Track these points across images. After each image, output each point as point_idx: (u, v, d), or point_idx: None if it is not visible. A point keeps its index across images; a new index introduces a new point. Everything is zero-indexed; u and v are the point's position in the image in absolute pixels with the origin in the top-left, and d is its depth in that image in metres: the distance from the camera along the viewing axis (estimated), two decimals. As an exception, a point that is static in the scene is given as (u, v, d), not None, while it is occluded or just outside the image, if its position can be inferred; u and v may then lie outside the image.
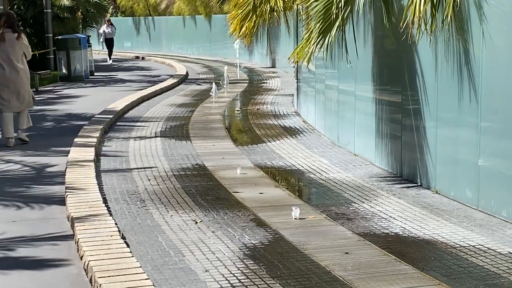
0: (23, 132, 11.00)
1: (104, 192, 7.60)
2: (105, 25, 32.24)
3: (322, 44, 7.76)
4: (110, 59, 31.42)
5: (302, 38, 8.24)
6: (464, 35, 6.75)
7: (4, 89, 10.76)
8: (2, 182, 8.38)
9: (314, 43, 7.80)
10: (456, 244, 5.78)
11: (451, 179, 7.25)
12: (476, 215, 6.58)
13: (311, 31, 7.87)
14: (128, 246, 5.68)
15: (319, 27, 7.73)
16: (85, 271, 5.30)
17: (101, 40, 32.82)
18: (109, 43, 31.92)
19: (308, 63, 8.17)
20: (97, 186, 7.63)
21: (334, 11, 7.49)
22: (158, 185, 7.98)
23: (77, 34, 23.84)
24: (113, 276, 4.90)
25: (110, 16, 41.11)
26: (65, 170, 8.46)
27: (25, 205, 7.31)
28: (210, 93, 14.29)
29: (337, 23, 7.57)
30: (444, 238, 5.93)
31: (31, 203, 7.38)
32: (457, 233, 6.06)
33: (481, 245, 5.75)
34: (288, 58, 8.72)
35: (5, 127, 10.74)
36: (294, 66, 13.93)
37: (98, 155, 9.73)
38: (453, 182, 7.21)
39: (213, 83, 14.87)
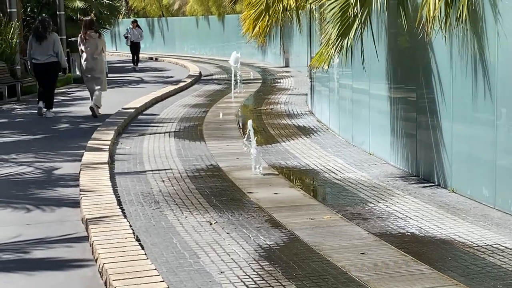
0: (97, 108, 14.29)
1: (118, 194, 7.59)
2: (130, 27, 28.35)
3: (341, 47, 7.70)
4: (136, 64, 27.87)
5: (321, 43, 8.18)
6: (478, 33, 6.68)
7: (87, 74, 14.51)
8: (16, 185, 8.39)
9: (333, 46, 7.74)
10: (473, 243, 5.73)
11: (468, 177, 7.19)
12: (493, 214, 6.51)
13: (330, 35, 7.80)
14: (142, 248, 5.66)
15: (337, 30, 7.66)
16: (100, 274, 5.28)
17: (127, 43, 28.37)
18: (134, 47, 27.86)
19: (328, 67, 8.13)
20: (111, 188, 7.62)
21: (352, 14, 7.42)
22: (173, 186, 7.96)
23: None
24: (128, 278, 4.88)
25: (123, 18, 41.14)
26: (79, 172, 8.46)
27: (39, 207, 7.31)
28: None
29: (355, 25, 7.51)
30: (461, 238, 5.88)
31: (46, 205, 7.38)
32: (474, 232, 6.00)
33: (499, 244, 5.69)
34: (308, 65, 8.68)
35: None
36: (314, 71, 13.87)
37: (112, 157, 9.73)
38: (469, 181, 7.15)
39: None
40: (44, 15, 16.43)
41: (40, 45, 14.16)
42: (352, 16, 7.40)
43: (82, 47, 14.51)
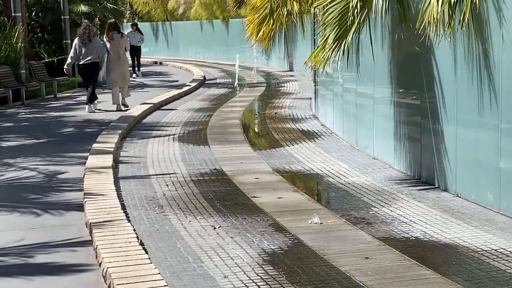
0: (125, 101, 16.25)
1: (122, 198, 7.59)
2: (130, 30, 26.34)
3: (338, 50, 7.71)
4: (138, 71, 26.29)
5: (318, 45, 8.22)
6: (483, 37, 6.67)
7: (112, 72, 16.16)
8: (20, 189, 8.39)
9: (330, 49, 7.75)
10: (478, 248, 5.71)
11: (472, 182, 7.17)
12: (498, 218, 6.49)
13: (327, 37, 7.82)
14: (146, 252, 5.66)
15: (335, 33, 7.68)
16: (104, 278, 5.28)
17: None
18: (134, 51, 25.56)
19: (323, 68, 8.15)
20: (115, 192, 7.62)
21: (350, 17, 7.44)
22: (176, 190, 7.96)
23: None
24: (131, 283, 4.88)
25: (127, 22, 41.16)
26: (83, 176, 8.46)
27: (43, 211, 7.31)
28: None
29: (353, 29, 7.52)
30: (466, 242, 5.86)
31: (50, 209, 7.38)
32: (478, 237, 5.99)
33: (504, 248, 5.67)
34: (305, 63, 8.70)
35: (115, 97, 16.06)
36: (312, 71, 13.88)
37: (116, 161, 9.73)
38: (473, 185, 7.13)
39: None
40: (86, 21, 17.46)
41: (84, 48, 15.93)
42: (351, 20, 7.41)
43: (107, 47, 16.37)
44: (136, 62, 26.39)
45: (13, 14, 20.16)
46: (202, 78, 24.05)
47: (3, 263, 5.75)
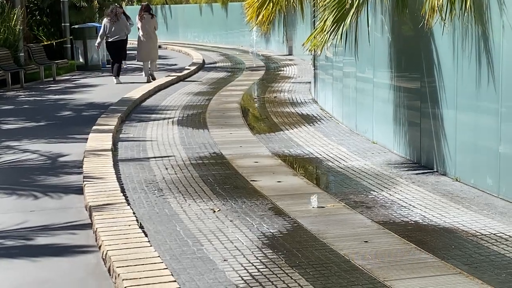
0: (153, 73, 18.46)
1: (121, 181, 7.59)
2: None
3: (336, 33, 7.70)
4: (124, 59, 22.00)
5: (315, 28, 8.19)
6: (483, 22, 6.65)
7: (143, 48, 18.34)
8: (20, 172, 8.40)
9: (327, 32, 7.73)
10: (477, 232, 5.72)
11: (471, 166, 7.18)
12: (497, 203, 6.51)
13: (325, 20, 7.80)
14: (146, 235, 5.67)
15: (333, 15, 7.66)
16: (104, 261, 5.29)
17: None
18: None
19: (320, 52, 8.13)
20: (115, 175, 7.62)
21: (349, 1, 7.41)
22: (176, 174, 7.96)
23: (94, 23, 23.80)
24: (131, 265, 4.89)
25: (126, 5, 40.96)
26: (83, 159, 8.46)
27: (43, 194, 7.32)
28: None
29: (352, 12, 7.50)
30: (465, 226, 5.87)
31: (49, 192, 7.38)
32: (477, 221, 6.00)
33: (503, 233, 5.68)
34: (303, 44, 8.67)
35: (145, 69, 18.55)
36: (310, 54, 13.85)
37: (115, 144, 9.73)
38: (473, 170, 7.14)
39: None
40: (115, 3, 19.83)
41: (113, 26, 18.14)
42: (349, 3, 7.39)
43: (139, 26, 18.49)
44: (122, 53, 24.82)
45: (12, -3, 20.09)
46: (201, 62, 23.99)
47: (4, 245, 5.77)
